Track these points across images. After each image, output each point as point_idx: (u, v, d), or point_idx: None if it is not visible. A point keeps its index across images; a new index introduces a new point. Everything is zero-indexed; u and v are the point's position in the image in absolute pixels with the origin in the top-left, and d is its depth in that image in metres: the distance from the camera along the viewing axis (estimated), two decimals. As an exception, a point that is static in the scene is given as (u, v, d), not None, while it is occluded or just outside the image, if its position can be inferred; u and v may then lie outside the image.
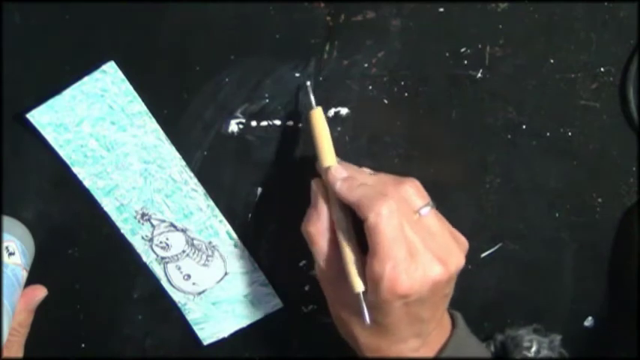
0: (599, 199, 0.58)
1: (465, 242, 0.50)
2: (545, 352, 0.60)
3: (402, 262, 0.45)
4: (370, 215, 0.46)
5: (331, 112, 0.54)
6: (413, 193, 0.49)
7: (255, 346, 0.62)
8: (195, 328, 0.60)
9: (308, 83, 0.51)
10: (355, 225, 0.49)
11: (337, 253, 0.49)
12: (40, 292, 0.55)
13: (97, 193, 0.54)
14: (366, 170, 0.52)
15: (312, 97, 0.51)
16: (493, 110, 0.55)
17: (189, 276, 0.57)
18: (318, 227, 0.50)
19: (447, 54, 0.53)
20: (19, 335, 0.53)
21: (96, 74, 0.50)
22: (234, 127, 0.54)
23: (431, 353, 0.51)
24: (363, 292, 0.47)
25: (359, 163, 0.55)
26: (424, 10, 0.51)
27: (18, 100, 0.51)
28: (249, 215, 0.57)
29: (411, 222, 0.47)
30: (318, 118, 0.50)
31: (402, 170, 0.53)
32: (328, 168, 0.50)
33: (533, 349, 0.60)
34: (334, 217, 0.49)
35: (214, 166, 0.55)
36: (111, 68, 0.50)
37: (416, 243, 0.46)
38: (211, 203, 0.55)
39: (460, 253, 0.49)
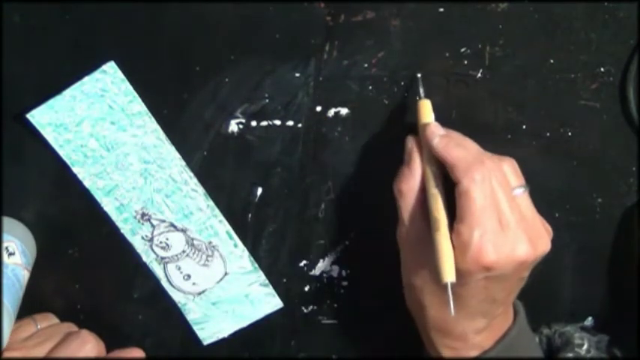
0: (599, 199, 0.58)
1: (550, 230, 0.49)
2: (593, 352, 0.59)
3: (491, 232, 0.45)
4: (464, 179, 0.45)
5: (331, 112, 0.54)
6: (510, 171, 0.48)
7: (255, 346, 0.61)
8: (195, 328, 0.60)
9: (419, 75, 0.52)
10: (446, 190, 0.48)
11: (423, 214, 0.49)
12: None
13: (97, 193, 0.54)
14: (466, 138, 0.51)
15: (422, 90, 0.51)
16: (493, 110, 0.55)
17: (189, 276, 0.57)
18: (410, 185, 0.49)
19: (447, 54, 0.53)
20: None
21: (96, 74, 0.50)
22: (234, 127, 0.54)
23: (492, 339, 0.50)
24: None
25: (359, 163, 0.56)
26: (424, 10, 0.51)
27: (18, 100, 0.51)
28: (249, 215, 0.57)
29: (506, 196, 0.46)
30: (426, 105, 0.51)
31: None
32: (427, 124, 0.49)
33: (585, 347, 0.58)
34: (427, 176, 0.48)
35: (214, 166, 0.55)
36: (111, 68, 0.50)
37: (508, 217, 0.46)
38: (211, 203, 0.55)
39: (548, 238, 0.48)
